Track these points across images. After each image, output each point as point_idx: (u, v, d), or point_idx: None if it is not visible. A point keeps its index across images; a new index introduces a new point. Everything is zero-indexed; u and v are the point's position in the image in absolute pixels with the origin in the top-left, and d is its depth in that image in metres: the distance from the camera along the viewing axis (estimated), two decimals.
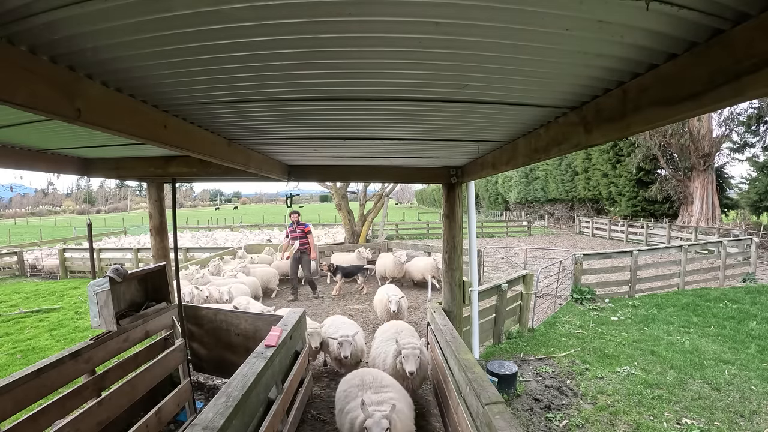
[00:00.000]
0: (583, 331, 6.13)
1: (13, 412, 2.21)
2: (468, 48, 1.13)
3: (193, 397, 3.63)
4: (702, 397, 4.10)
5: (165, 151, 3.05)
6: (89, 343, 2.81)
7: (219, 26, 0.99)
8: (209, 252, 11.39)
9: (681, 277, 8.79)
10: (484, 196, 38.00)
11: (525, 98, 1.61)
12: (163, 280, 3.62)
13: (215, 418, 1.87)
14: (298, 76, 1.40)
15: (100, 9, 0.88)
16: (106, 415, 2.66)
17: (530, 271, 6.28)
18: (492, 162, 2.87)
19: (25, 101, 1.00)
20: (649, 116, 1.14)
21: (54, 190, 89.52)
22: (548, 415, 3.81)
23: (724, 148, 18.69)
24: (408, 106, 1.77)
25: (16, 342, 6.12)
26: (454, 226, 4.12)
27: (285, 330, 3.08)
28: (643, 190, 20.74)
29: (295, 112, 1.88)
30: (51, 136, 2.45)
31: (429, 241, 17.10)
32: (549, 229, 26.45)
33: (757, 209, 16.89)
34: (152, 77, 1.33)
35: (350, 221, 13.31)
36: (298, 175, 4.01)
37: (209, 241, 17.36)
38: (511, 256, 14.41)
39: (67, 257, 12.30)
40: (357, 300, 8.02)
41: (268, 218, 37.47)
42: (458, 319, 4.18)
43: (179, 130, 1.87)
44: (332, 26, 1.00)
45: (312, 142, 2.74)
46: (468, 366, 2.54)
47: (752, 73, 0.79)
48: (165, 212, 4.21)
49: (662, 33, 0.96)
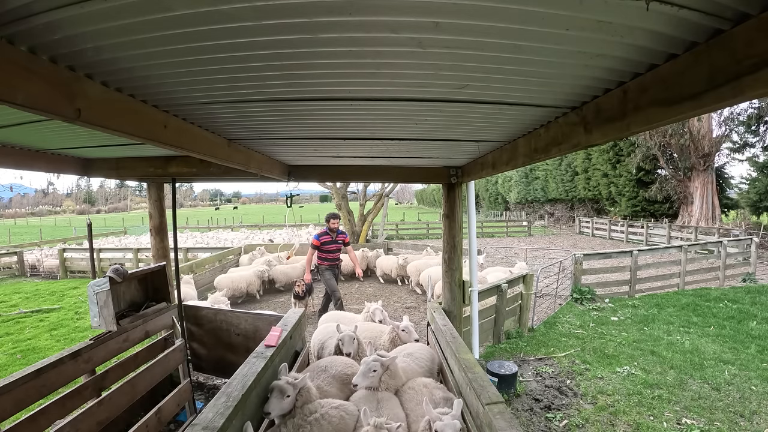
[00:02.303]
0: (583, 331, 6.13)
1: (13, 412, 2.21)
2: (468, 48, 1.13)
3: (193, 397, 3.63)
4: (702, 397, 4.10)
5: (165, 151, 3.05)
6: (89, 343, 2.81)
7: (219, 26, 0.99)
8: (210, 252, 11.39)
9: (681, 277, 8.79)
10: (484, 196, 38.00)
11: (525, 98, 1.61)
12: (163, 280, 3.62)
13: (215, 418, 1.87)
14: (298, 76, 1.40)
15: (100, 9, 0.88)
16: (106, 415, 2.66)
17: (530, 271, 6.28)
18: (492, 162, 2.87)
19: (25, 101, 1.00)
20: (649, 116, 1.14)
21: (54, 190, 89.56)
22: (548, 415, 3.81)
23: (724, 148, 18.71)
24: (408, 106, 1.77)
25: (16, 342, 6.12)
26: (454, 226, 4.12)
27: (285, 330, 3.08)
28: (643, 190, 20.76)
29: (295, 112, 1.88)
30: (51, 136, 2.45)
31: (429, 241, 17.10)
32: (549, 229, 26.45)
33: (757, 209, 16.89)
34: (152, 77, 1.33)
35: (350, 221, 13.32)
36: (298, 175, 4.01)
37: (211, 241, 17.36)
38: (512, 256, 14.41)
39: (67, 257, 12.30)
40: (356, 299, 8.02)
41: (268, 218, 37.43)
42: (458, 319, 4.18)
43: (179, 130, 1.87)
44: (332, 26, 1.00)
45: (312, 142, 2.74)
46: (468, 366, 2.54)
47: (752, 73, 0.79)
48: (165, 212, 4.21)
49: (662, 33, 0.96)
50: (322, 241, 6.06)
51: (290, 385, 2.33)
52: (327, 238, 6.09)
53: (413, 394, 2.73)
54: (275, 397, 2.29)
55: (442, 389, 2.81)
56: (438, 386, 2.84)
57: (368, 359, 2.73)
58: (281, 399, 2.29)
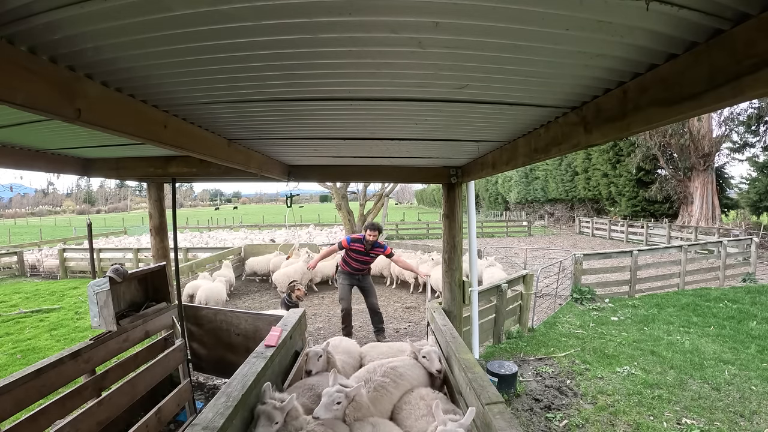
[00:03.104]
0: (583, 331, 6.13)
1: (13, 412, 2.21)
2: (468, 48, 1.13)
3: (193, 397, 3.63)
4: (702, 397, 4.10)
5: (165, 151, 3.05)
6: (89, 343, 2.81)
7: (219, 26, 0.99)
8: (210, 252, 11.40)
9: (681, 277, 8.79)
10: (484, 196, 38.00)
11: (525, 98, 1.61)
12: (163, 280, 3.62)
13: (215, 418, 1.87)
14: (298, 76, 1.40)
15: (100, 9, 0.88)
16: (106, 415, 2.66)
17: (530, 271, 6.28)
18: (492, 162, 2.87)
19: (25, 101, 1.00)
20: (649, 116, 1.14)
21: (54, 190, 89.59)
22: (548, 415, 3.81)
23: (724, 148, 18.73)
24: (408, 106, 1.77)
25: (16, 342, 6.13)
26: (454, 226, 4.12)
27: (285, 330, 3.08)
28: (643, 190, 20.76)
29: (295, 112, 1.88)
30: (51, 136, 2.45)
31: (429, 241, 17.10)
32: (549, 229, 26.45)
33: (757, 209, 16.90)
34: (152, 77, 1.33)
35: (350, 221, 13.32)
36: (298, 175, 4.01)
37: (211, 241, 17.36)
38: (512, 256, 14.41)
39: (67, 257, 12.30)
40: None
41: (268, 218, 37.43)
42: (458, 319, 4.18)
43: (179, 130, 1.87)
44: (332, 26, 1.00)
45: (312, 142, 2.74)
46: (468, 366, 2.54)
47: (752, 73, 0.79)
48: (165, 212, 4.21)
49: (662, 33, 0.96)
50: (351, 247, 5.40)
51: (278, 410, 2.20)
52: (359, 246, 5.39)
53: (411, 410, 2.56)
54: (263, 425, 2.15)
55: (443, 399, 2.63)
56: (437, 396, 2.67)
57: (331, 390, 2.41)
58: (269, 426, 2.15)
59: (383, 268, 9.37)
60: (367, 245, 5.34)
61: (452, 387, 2.87)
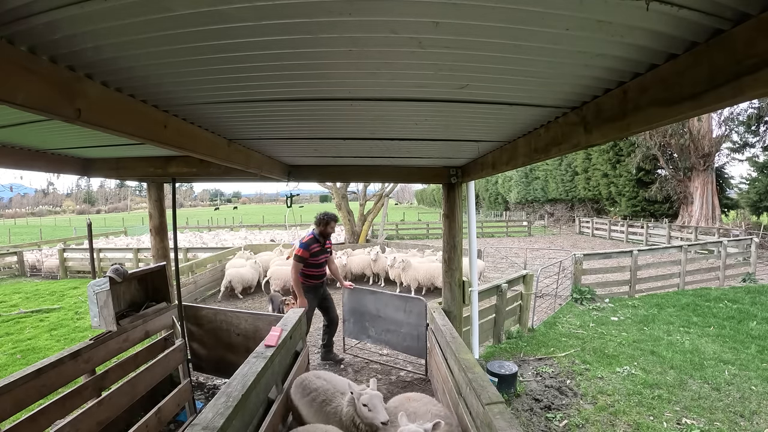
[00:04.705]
0: (583, 331, 6.13)
1: (13, 412, 2.21)
2: (468, 48, 1.13)
3: (193, 397, 3.63)
4: (702, 397, 4.10)
5: (165, 151, 3.05)
6: (89, 343, 2.81)
7: (219, 26, 0.99)
8: (210, 252, 11.39)
9: (681, 277, 8.79)
10: (484, 196, 38.00)
11: (525, 98, 1.61)
12: (163, 280, 3.62)
13: (215, 418, 1.87)
14: (298, 76, 1.40)
15: (100, 9, 0.88)
16: (106, 415, 2.66)
17: (530, 271, 6.28)
18: (492, 162, 2.87)
19: (25, 101, 1.00)
20: (649, 116, 1.14)
21: (54, 190, 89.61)
22: (548, 415, 3.81)
23: (724, 148, 18.73)
24: (408, 106, 1.77)
25: (16, 342, 6.12)
26: (454, 226, 4.12)
27: (285, 330, 3.08)
28: (643, 190, 20.77)
29: (295, 112, 1.88)
30: (51, 136, 2.45)
31: (429, 241, 17.11)
32: (549, 229, 26.45)
33: (757, 209, 16.90)
34: (152, 77, 1.33)
35: (350, 221, 13.32)
36: (298, 175, 4.01)
37: (211, 241, 17.36)
38: (512, 256, 14.41)
39: (67, 257, 12.30)
40: None
41: (268, 218, 37.45)
42: (458, 319, 4.18)
43: (179, 130, 1.87)
44: (332, 26, 1.00)
45: (312, 142, 2.74)
46: (468, 366, 2.54)
47: (752, 73, 0.79)
48: (165, 212, 4.21)
49: (662, 33, 0.96)
50: (312, 251, 4.39)
51: None
52: (316, 247, 4.41)
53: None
54: None
55: (432, 403, 2.52)
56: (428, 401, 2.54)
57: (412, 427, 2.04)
58: None
59: (365, 267, 9.27)
60: (322, 240, 4.55)
61: None
